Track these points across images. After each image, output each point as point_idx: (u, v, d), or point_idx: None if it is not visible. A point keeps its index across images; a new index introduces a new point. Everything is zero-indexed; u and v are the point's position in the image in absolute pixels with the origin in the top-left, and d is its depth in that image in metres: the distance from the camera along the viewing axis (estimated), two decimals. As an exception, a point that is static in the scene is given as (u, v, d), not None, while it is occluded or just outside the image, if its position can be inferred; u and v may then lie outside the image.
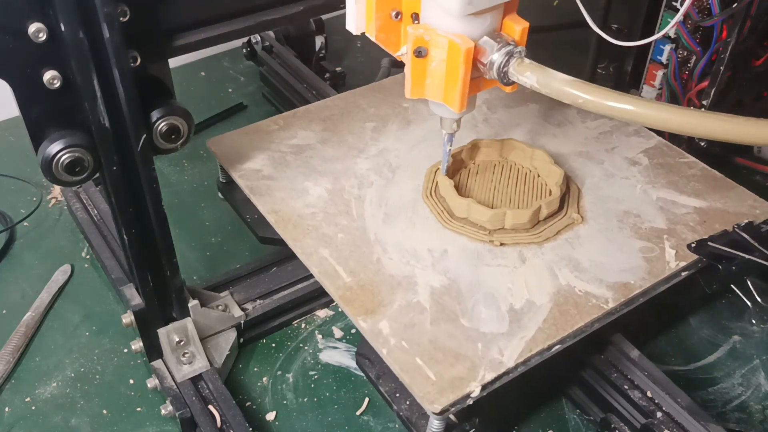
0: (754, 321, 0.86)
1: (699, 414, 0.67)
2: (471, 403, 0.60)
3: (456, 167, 0.81)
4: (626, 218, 0.78)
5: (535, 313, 0.67)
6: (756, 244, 0.73)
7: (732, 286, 0.75)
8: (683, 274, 0.72)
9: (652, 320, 0.84)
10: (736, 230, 0.75)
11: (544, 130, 0.90)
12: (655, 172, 0.84)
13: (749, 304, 0.75)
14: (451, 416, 0.63)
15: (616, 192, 0.81)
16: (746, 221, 0.76)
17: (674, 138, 1.04)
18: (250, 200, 0.80)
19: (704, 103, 0.97)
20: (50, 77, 0.55)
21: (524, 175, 0.82)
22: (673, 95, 1.03)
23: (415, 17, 0.60)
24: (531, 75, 0.56)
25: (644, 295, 0.70)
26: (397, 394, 0.67)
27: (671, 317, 0.87)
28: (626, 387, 0.71)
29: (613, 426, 0.71)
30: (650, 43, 1.02)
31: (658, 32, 1.00)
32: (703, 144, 0.98)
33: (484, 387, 0.60)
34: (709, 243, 0.73)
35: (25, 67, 0.55)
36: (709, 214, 0.78)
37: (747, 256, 0.72)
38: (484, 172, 0.82)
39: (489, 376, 0.61)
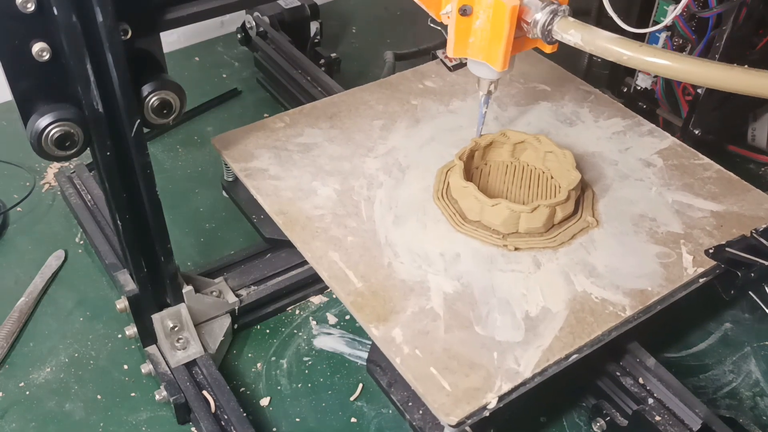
0: None
1: (690, 400, 0.67)
2: (487, 414, 0.59)
3: (468, 167, 0.79)
4: (642, 222, 0.76)
5: (551, 320, 0.65)
6: None
7: (750, 293, 0.73)
8: (701, 280, 0.71)
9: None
10: (754, 235, 0.73)
11: (555, 129, 0.88)
12: (670, 173, 0.82)
13: (767, 311, 0.74)
14: (467, 428, 0.61)
15: (631, 194, 0.79)
16: (764, 226, 0.75)
17: (668, 126, 1.04)
18: (255, 200, 0.78)
19: (699, 90, 0.97)
20: (39, 49, 0.54)
21: (537, 176, 0.80)
22: (668, 83, 1.03)
23: None
24: (575, 33, 0.57)
25: (662, 302, 0.69)
26: (410, 403, 0.65)
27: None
28: (618, 374, 0.71)
29: (604, 412, 0.72)
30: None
31: (653, 19, 1.00)
32: (697, 132, 0.98)
33: (500, 398, 0.59)
34: (727, 249, 0.72)
35: (13, 39, 0.54)
36: (725, 218, 0.77)
37: (766, 263, 0.70)
38: (496, 173, 0.80)
39: (506, 387, 0.59)
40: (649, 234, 0.75)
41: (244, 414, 0.72)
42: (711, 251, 0.72)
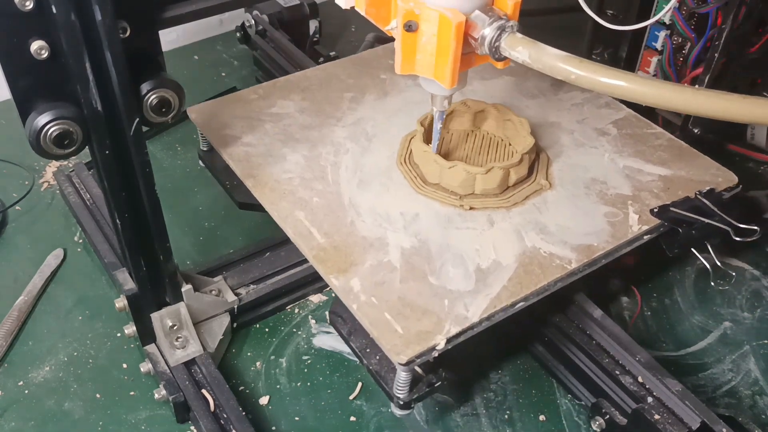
0: (713, 283, 0.89)
1: (689, 399, 0.67)
2: (436, 355, 0.62)
3: (429, 134, 0.81)
4: (593, 185, 0.79)
5: (500, 272, 0.69)
6: (716, 210, 0.75)
7: (693, 250, 0.77)
8: (645, 237, 0.74)
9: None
10: (698, 197, 0.77)
11: (518, 101, 0.92)
12: (623, 141, 0.86)
13: (709, 267, 0.78)
14: (417, 368, 0.66)
15: (585, 160, 0.83)
16: (708, 188, 0.78)
17: (668, 125, 1.04)
18: (229, 167, 0.81)
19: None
20: (38, 47, 0.55)
21: (496, 143, 0.83)
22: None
23: None
24: (523, 50, 0.55)
25: (606, 256, 0.72)
26: (368, 350, 0.69)
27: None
28: (617, 372, 0.71)
29: (604, 411, 0.72)
30: (645, 29, 1.02)
31: (653, 18, 1.00)
32: (696, 131, 0.99)
33: (449, 340, 0.63)
34: (671, 208, 0.76)
35: (11, 37, 0.54)
36: (673, 182, 0.80)
37: (706, 221, 0.74)
38: (457, 140, 0.84)
39: (454, 330, 0.63)
40: (599, 196, 0.78)
41: (244, 413, 0.72)
42: (656, 210, 0.76)
